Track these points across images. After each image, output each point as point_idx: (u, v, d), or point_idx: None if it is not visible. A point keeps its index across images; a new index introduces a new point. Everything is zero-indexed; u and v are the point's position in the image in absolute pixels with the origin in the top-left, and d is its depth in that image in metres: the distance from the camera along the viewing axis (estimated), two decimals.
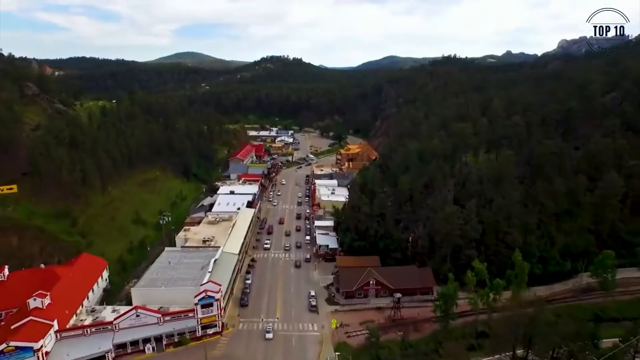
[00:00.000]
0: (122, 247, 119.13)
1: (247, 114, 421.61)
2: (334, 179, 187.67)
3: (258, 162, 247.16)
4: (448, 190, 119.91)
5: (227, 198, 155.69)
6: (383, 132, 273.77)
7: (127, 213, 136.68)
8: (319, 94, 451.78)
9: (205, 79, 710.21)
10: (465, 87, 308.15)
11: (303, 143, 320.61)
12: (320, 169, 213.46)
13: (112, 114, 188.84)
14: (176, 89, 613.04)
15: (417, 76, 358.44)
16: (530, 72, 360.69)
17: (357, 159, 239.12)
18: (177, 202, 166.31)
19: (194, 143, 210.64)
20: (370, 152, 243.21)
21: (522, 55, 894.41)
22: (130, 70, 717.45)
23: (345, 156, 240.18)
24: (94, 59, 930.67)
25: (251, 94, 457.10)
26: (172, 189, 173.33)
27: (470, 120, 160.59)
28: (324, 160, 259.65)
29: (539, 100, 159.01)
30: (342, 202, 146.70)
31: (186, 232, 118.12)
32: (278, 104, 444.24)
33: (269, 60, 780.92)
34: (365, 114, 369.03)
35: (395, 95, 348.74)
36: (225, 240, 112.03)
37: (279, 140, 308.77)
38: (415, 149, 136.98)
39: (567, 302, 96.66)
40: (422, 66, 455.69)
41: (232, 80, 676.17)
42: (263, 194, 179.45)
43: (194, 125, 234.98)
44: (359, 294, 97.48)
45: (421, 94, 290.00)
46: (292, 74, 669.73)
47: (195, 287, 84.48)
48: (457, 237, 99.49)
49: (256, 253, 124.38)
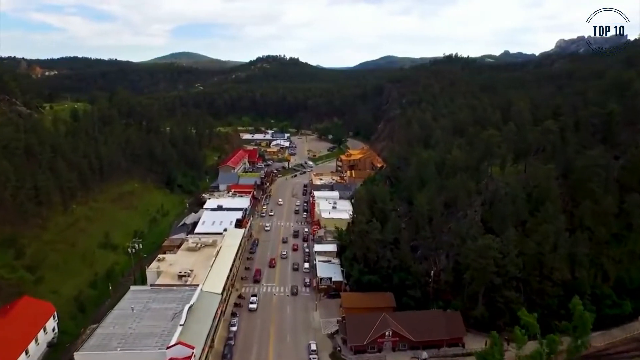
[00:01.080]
0: (83, 281, 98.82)
1: (241, 115, 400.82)
2: (335, 190, 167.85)
3: (251, 169, 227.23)
4: (474, 210, 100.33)
5: (213, 215, 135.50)
6: (386, 135, 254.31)
7: (95, 236, 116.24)
8: (316, 94, 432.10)
9: (199, 79, 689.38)
10: (473, 87, 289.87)
11: (300, 147, 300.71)
12: (320, 178, 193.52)
13: (86, 117, 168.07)
14: (169, 89, 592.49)
15: (420, 76, 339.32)
16: (538, 71, 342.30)
17: (360, 166, 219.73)
18: (158, 218, 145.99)
19: (179, 149, 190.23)
20: (373, 158, 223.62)
21: (520, 55, 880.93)
22: (122, 70, 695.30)
23: (347, 162, 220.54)
24: (86, 58, 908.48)
25: (245, 94, 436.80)
26: (152, 203, 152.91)
27: (490, 124, 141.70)
28: (323, 167, 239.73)
29: (569, 102, 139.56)
30: (346, 220, 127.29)
31: (160, 263, 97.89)
32: (274, 105, 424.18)
33: (264, 59, 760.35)
34: (365, 115, 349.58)
35: (398, 96, 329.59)
36: (206, 275, 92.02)
37: (274, 144, 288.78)
38: (431, 159, 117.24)
39: (630, 356, 77.50)
40: (423, 65, 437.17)
41: (226, 80, 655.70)
42: (255, 207, 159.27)
43: (180, 129, 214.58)
44: (372, 348, 77.60)
45: (427, 94, 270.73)
46: (289, 74, 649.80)
47: (161, 349, 64.54)
48: (493, 275, 79.87)
49: (245, 286, 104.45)
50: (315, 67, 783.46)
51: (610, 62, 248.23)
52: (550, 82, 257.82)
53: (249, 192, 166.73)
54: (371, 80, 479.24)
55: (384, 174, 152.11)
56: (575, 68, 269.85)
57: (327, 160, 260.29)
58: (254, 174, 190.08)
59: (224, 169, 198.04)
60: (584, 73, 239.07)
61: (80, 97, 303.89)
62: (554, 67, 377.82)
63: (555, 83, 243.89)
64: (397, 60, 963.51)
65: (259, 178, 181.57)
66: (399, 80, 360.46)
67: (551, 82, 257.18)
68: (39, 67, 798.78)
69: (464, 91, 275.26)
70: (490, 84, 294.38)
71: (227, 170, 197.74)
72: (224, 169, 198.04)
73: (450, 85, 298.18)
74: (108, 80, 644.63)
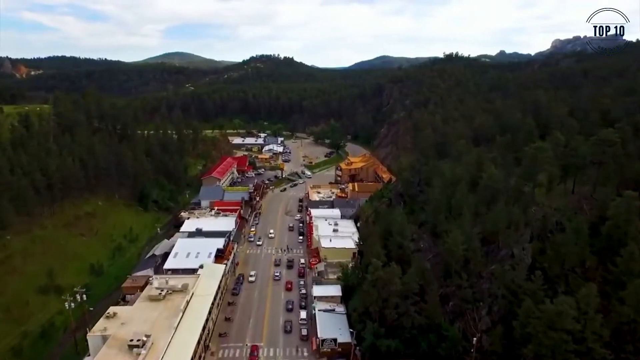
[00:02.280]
0: (4, 346, 74.18)
1: (232, 117, 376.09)
2: (336, 207, 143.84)
3: (240, 180, 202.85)
4: (522, 248, 77.00)
5: (188, 244, 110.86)
6: (390, 140, 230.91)
7: (33, 276, 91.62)
8: (312, 95, 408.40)
9: (190, 79, 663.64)
10: (482, 87, 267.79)
11: (295, 152, 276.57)
12: (317, 191, 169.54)
13: (42, 123, 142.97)
14: (158, 90, 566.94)
15: (422, 75, 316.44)
16: (547, 71, 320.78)
17: (362, 175, 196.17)
18: (124, 246, 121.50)
19: (156, 158, 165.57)
20: (377, 166, 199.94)
21: (517, 55, 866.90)
22: (108, 69, 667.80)
23: (347, 172, 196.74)
24: (75, 58, 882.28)
25: (237, 95, 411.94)
26: (119, 225, 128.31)
27: (522, 133, 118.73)
28: (320, 176, 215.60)
29: (620, 105, 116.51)
30: (351, 250, 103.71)
31: (108, 322, 73.33)
32: (267, 106, 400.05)
33: (258, 59, 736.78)
34: (364, 117, 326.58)
35: (400, 96, 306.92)
36: (167, 342, 67.82)
37: (267, 149, 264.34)
38: (460, 178, 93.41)
39: None
40: (424, 65, 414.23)
41: (218, 80, 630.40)
42: (242, 229, 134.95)
43: (160, 135, 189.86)
44: None
45: (433, 95, 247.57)
46: (283, 73, 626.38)
47: None
48: (570, 354, 56.31)
49: (223, 346, 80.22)
50: (311, 67, 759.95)
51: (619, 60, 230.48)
52: (564, 82, 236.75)
53: (235, 210, 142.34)
54: (369, 80, 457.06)
55: (395, 191, 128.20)
56: (591, 67, 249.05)
57: (324, 167, 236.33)
58: (241, 188, 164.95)
59: (208, 181, 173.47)
60: (603, 72, 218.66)
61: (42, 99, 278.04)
62: (560, 66, 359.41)
63: (571, 82, 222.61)
64: (393, 60, 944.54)
65: (247, 193, 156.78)
66: (400, 80, 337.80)
67: (566, 82, 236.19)
68: (24, 67, 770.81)
69: (472, 92, 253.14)
70: (500, 84, 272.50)
71: (211, 182, 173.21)
72: (208, 181, 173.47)
73: (456, 86, 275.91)
74: (94, 80, 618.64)
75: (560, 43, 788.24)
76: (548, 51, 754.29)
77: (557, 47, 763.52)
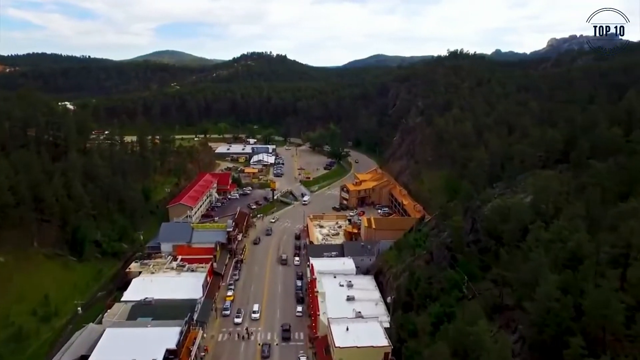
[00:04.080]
0: None
1: (218, 120, 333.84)
2: (347, 254, 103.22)
3: (220, 204, 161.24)
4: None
5: (120, 340, 69.14)
6: (405, 151, 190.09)
7: None
8: (307, 95, 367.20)
9: (176, 77, 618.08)
10: (510, 87, 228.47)
11: (289, 163, 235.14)
12: (319, 224, 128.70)
13: None
14: (141, 89, 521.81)
15: (434, 73, 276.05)
16: (573, 68, 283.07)
17: (374, 197, 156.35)
18: (28, 331, 78.98)
19: (105, 182, 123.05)
20: (393, 187, 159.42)
21: (512, 54, 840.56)
22: (86, 67, 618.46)
23: (355, 194, 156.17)
24: (56, 55, 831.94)
25: (224, 95, 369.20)
26: (26, 294, 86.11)
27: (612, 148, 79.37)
28: (320, 197, 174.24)
29: None
30: (381, 351, 63.69)
31: None
32: (257, 107, 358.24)
33: (249, 57, 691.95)
34: (368, 121, 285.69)
35: (409, 97, 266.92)
36: None
37: (255, 160, 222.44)
38: (584, 240, 52.55)
39: None
40: (429, 62, 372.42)
41: (206, 79, 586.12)
42: (214, 295, 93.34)
43: (113, 148, 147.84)
44: None
45: (455, 96, 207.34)
46: (276, 72, 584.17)
47: None
48: None
49: None
50: (305, 66, 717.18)
51: None
52: (602, 79, 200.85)
53: (206, 260, 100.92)
54: (369, 79, 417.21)
55: (436, 241, 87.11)
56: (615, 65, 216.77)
57: (325, 184, 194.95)
58: (217, 226, 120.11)
59: (176, 211, 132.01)
60: None
61: None
62: (577, 64, 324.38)
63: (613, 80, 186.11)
64: (387, 59, 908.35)
65: (224, 232, 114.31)
66: (407, 79, 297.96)
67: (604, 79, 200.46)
68: None
69: (498, 93, 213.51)
70: (528, 83, 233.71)
71: (179, 212, 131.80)
72: (176, 211, 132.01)
73: (478, 85, 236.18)
74: (69, 78, 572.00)
75: (556, 42, 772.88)
76: (544, 50, 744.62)
77: (553, 46, 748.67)
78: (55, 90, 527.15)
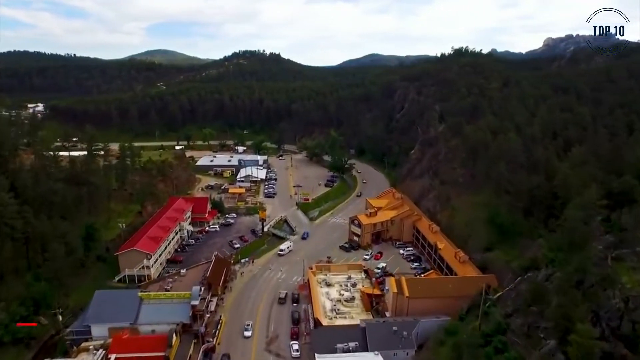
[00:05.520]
0: None
1: (204, 125, 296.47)
2: (372, 345, 67.53)
3: (194, 241, 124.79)
4: None
5: None
6: (427, 167, 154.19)
7: None
8: (303, 96, 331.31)
9: (163, 77, 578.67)
10: (544, 89, 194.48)
11: (283, 178, 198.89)
12: (324, 279, 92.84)
13: None
14: (125, 89, 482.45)
15: (448, 72, 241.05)
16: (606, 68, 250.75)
17: (392, 233, 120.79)
18: None
19: (15, 225, 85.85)
20: (418, 219, 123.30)
21: (509, 54, 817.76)
22: (65, 66, 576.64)
23: (369, 229, 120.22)
24: (40, 54, 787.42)
25: (210, 96, 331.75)
26: None
27: None
28: (323, 229, 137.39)
29: None
30: None
31: None
32: (247, 110, 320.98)
33: (241, 55, 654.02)
34: (373, 126, 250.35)
35: (419, 99, 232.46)
36: None
37: (242, 177, 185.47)
38: None
39: None
40: (445, 59, 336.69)
41: (195, 78, 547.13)
42: None
43: (49, 166, 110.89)
44: None
45: (484, 100, 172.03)
46: (269, 71, 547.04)
47: None
48: None
49: None
50: (300, 65, 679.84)
51: None
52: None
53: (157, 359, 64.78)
54: (369, 78, 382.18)
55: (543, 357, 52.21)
56: None
57: (327, 207, 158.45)
58: (178, 296, 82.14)
59: (127, 260, 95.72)
60: None
61: None
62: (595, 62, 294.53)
63: None
64: (383, 58, 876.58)
65: (186, 307, 77.05)
66: (417, 78, 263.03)
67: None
68: None
69: (533, 95, 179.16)
70: (564, 84, 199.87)
71: (132, 260, 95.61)
72: (127, 260, 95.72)
73: (504, 86, 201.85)
74: (47, 77, 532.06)
75: (552, 42, 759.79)
76: (540, 49, 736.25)
77: (549, 45, 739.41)
78: (30, 90, 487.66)
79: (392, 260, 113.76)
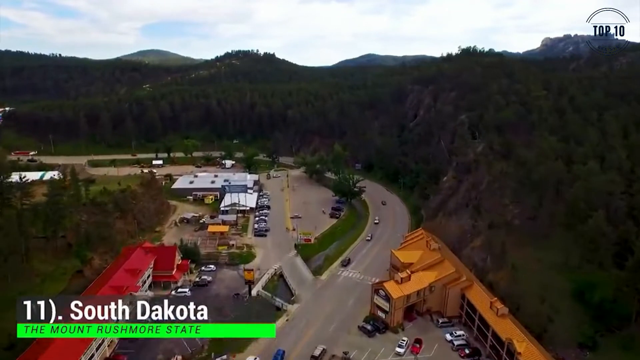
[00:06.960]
0: None
1: (187, 135, 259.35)
2: None
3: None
4: None
5: None
6: (465, 199, 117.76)
7: None
8: (300, 100, 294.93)
9: (149, 78, 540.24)
10: (595, 95, 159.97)
11: (277, 204, 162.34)
12: None
13: None
14: (107, 91, 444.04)
15: (469, 74, 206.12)
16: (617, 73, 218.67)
17: (430, 303, 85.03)
18: None
19: None
20: (468, 287, 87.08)
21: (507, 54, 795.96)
22: (43, 66, 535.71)
23: (401, 301, 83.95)
24: (22, 53, 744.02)
25: (196, 100, 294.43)
26: None
27: None
28: (333, 291, 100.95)
29: None
30: None
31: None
32: (238, 116, 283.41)
33: (233, 55, 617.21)
34: (384, 139, 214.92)
35: (436, 105, 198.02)
36: None
37: (227, 206, 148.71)
38: None
39: None
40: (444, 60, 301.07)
41: (183, 80, 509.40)
42: None
43: None
44: None
45: (536, 111, 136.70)
46: (263, 72, 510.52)
47: None
48: None
49: None
50: (295, 65, 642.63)
51: None
52: None
53: None
54: (371, 78, 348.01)
55: None
56: None
57: (335, 252, 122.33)
58: None
59: None
60: None
61: None
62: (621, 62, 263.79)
63: None
64: (379, 58, 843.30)
65: None
66: (432, 80, 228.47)
67: None
68: None
69: (588, 103, 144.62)
70: (616, 90, 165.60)
71: None
72: None
73: (547, 92, 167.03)
74: (23, 78, 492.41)
75: (550, 41, 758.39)
76: (538, 49, 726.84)
77: (547, 45, 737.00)
78: (3, 92, 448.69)
79: (437, 351, 77.95)
